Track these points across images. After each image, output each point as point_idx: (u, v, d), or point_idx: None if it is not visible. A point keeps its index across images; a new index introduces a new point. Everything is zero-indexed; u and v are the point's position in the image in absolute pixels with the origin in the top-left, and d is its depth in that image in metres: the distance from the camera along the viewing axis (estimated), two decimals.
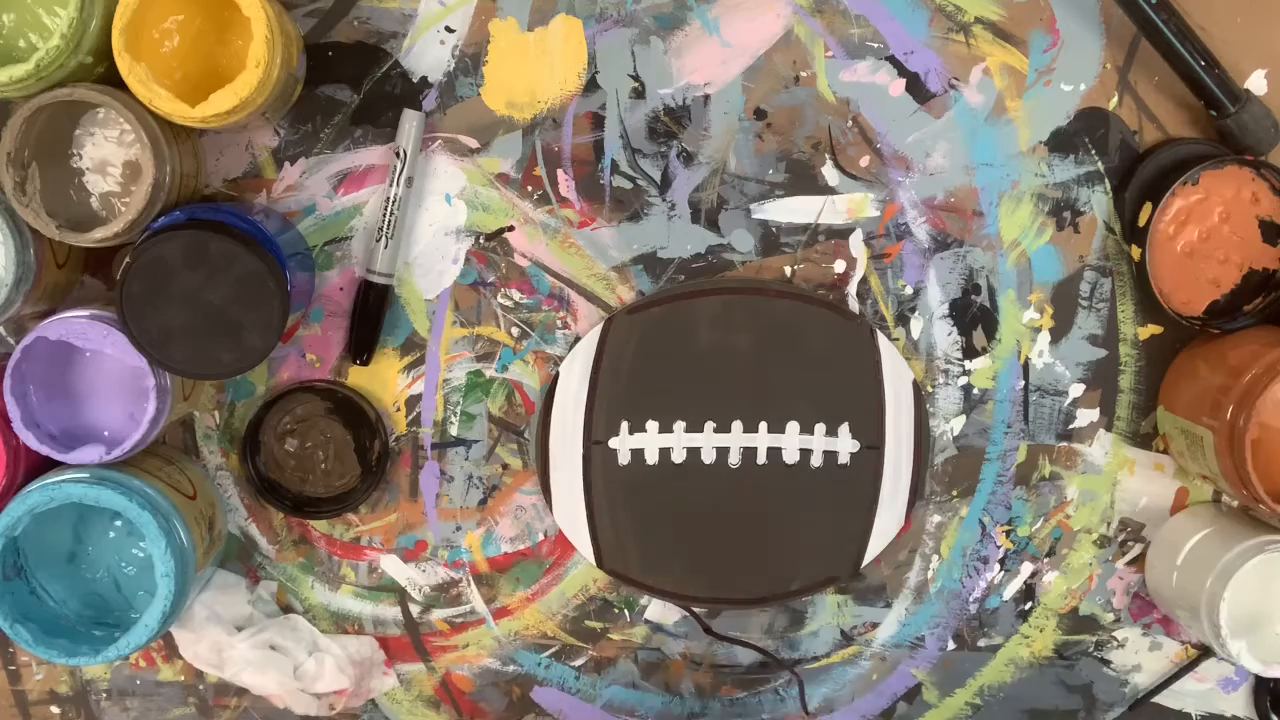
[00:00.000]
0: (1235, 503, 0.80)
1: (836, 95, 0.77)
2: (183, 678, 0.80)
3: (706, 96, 0.77)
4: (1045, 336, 0.79)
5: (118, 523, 0.75)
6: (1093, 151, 0.78)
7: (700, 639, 0.81)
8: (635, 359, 0.78)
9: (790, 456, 0.78)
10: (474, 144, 0.77)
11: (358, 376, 0.78)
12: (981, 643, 0.81)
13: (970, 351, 0.79)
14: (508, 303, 0.78)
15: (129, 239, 0.69)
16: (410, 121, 0.75)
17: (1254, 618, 0.74)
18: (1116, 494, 0.80)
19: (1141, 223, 0.76)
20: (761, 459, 0.78)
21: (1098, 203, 0.78)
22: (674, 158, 0.77)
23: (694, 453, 0.78)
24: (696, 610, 0.80)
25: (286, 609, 0.80)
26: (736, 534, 0.78)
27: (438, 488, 0.79)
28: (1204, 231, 0.76)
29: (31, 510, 0.68)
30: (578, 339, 0.78)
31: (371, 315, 0.77)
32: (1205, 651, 0.82)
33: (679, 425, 0.78)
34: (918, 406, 0.79)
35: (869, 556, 0.79)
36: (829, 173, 0.78)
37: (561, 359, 0.78)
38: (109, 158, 0.71)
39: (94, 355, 0.72)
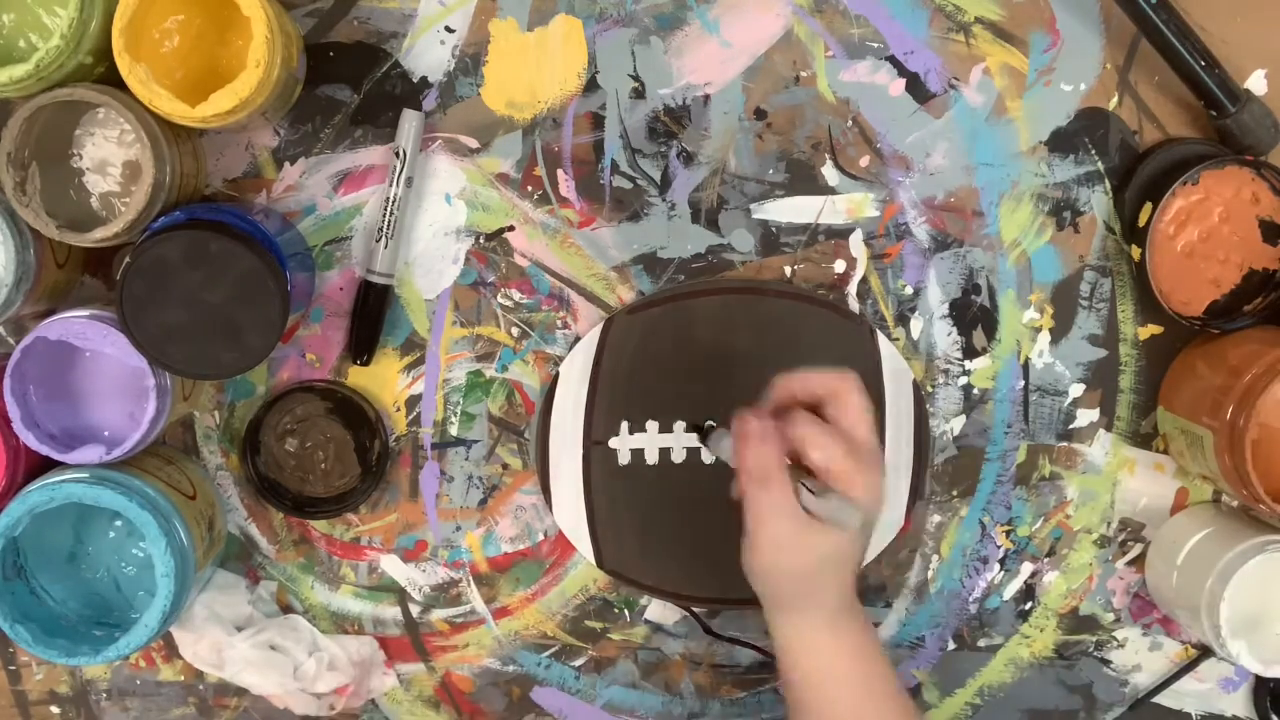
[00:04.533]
0: (1235, 503, 0.80)
1: (836, 95, 0.77)
2: (183, 678, 0.80)
3: (706, 96, 0.77)
4: (1045, 336, 0.79)
5: (118, 523, 0.75)
6: (1093, 151, 0.78)
7: (700, 639, 0.81)
8: (635, 359, 0.78)
9: None
10: (474, 144, 0.77)
11: (358, 376, 0.78)
12: (981, 643, 0.81)
13: (970, 351, 0.79)
14: (508, 303, 0.78)
15: (129, 239, 0.69)
16: (410, 121, 0.75)
17: (1254, 618, 0.74)
18: (1116, 494, 0.80)
19: (1141, 223, 0.76)
20: None
21: (1098, 203, 0.78)
22: (674, 158, 0.77)
23: (694, 452, 0.78)
24: (696, 610, 0.80)
25: (286, 609, 0.80)
26: (736, 534, 0.78)
27: (438, 488, 0.79)
28: (1204, 231, 0.76)
29: (31, 510, 0.68)
30: (578, 339, 0.78)
31: (371, 315, 0.77)
32: (1205, 651, 0.82)
33: (679, 425, 0.78)
34: (918, 406, 0.79)
35: (869, 556, 0.79)
36: (829, 173, 0.78)
37: (561, 359, 0.78)
38: (109, 158, 0.71)
39: (94, 355, 0.72)
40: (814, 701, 0.67)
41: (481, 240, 0.78)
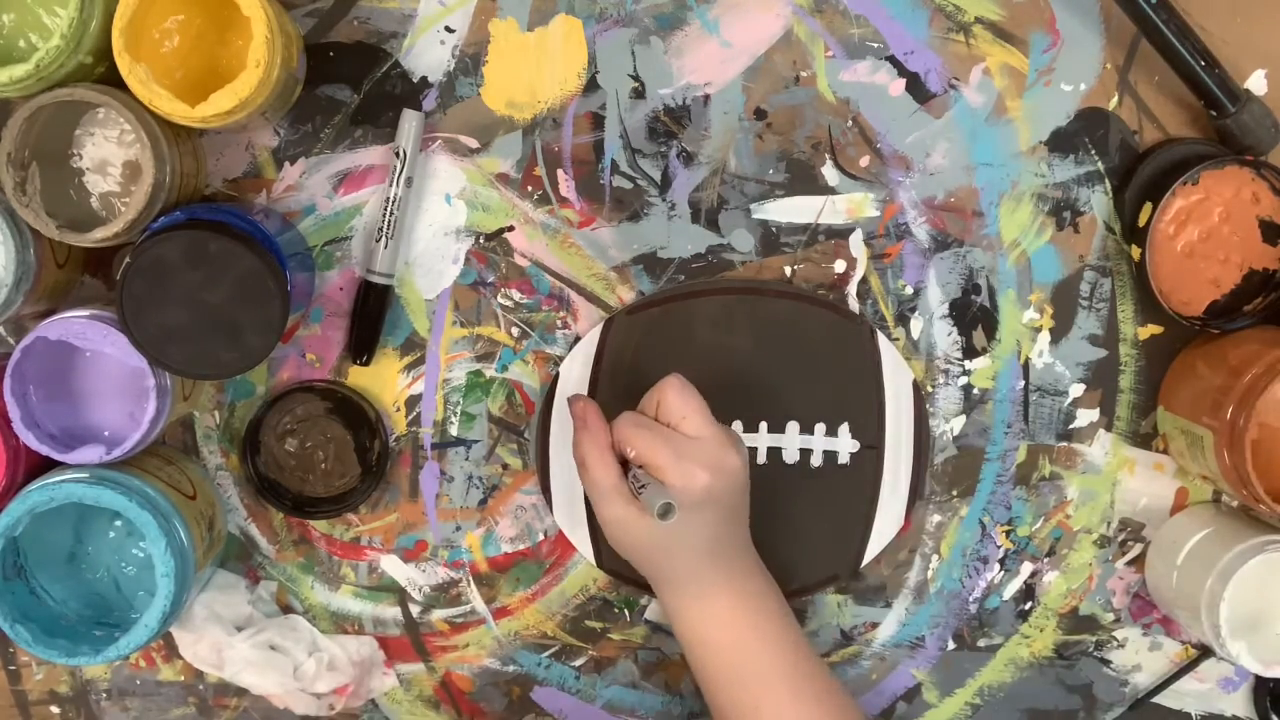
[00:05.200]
0: (1235, 503, 0.80)
1: (836, 95, 0.77)
2: (183, 678, 0.80)
3: (706, 96, 0.77)
4: (1045, 336, 0.79)
5: (118, 523, 0.75)
6: (1093, 151, 0.78)
7: None
8: (635, 359, 0.78)
9: (790, 456, 0.78)
10: (474, 144, 0.77)
11: (358, 376, 0.78)
12: (981, 643, 0.81)
13: (970, 351, 0.79)
14: (508, 303, 0.78)
15: (129, 239, 0.69)
16: (410, 121, 0.75)
17: (1254, 618, 0.74)
18: (1116, 494, 0.80)
19: (1141, 223, 0.76)
20: (761, 459, 0.78)
21: (1098, 203, 0.78)
22: (674, 158, 0.77)
23: None
24: None
25: (286, 609, 0.80)
26: None
27: (438, 488, 0.79)
28: (1204, 231, 0.76)
29: (31, 510, 0.68)
30: (578, 339, 0.78)
31: (371, 315, 0.77)
32: (1205, 651, 0.82)
33: None
34: (918, 406, 0.79)
35: (869, 556, 0.79)
36: (829, 173, 0.78)
37: (561, 359, 0.78)
38: (109, 158, 0.71)
39: (94, 355, 0.72)
40: (695, 668, 0.73)
41: (481, 240, 0.78)
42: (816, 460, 0.78)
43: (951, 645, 0.81)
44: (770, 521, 0.78)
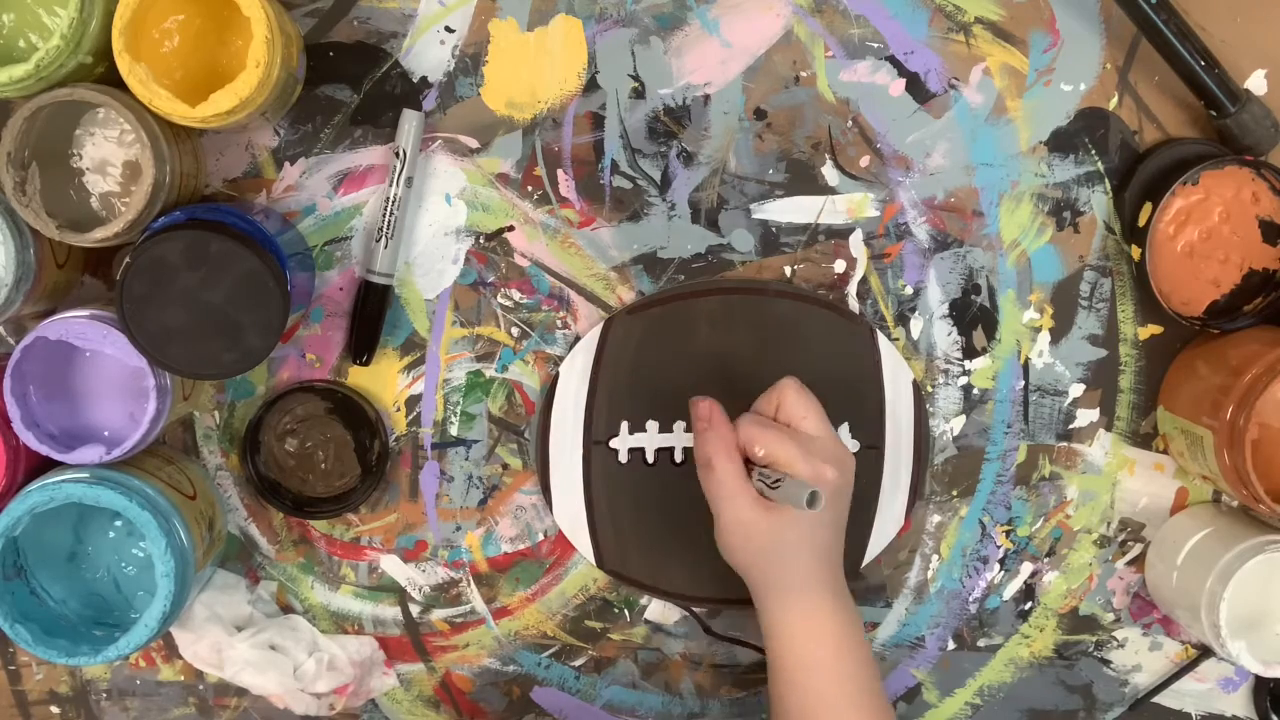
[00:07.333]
0: (1235, 503, 0.80)
1: (836, 95, 0.77)
2: (183, 678, 0.80)
3: (706, 96, 0.77)
4: (1045, 336, 0.79)
5: (118, 523, 0.75)
6: (1093, 151, 0.78)
7: (700, 639, 0.81)
8: (635, 359, 0.78)
9: None
10: (474, 144, 0.77)
11: (358, 376, 0.78)
12: (981, 643, 0.81)
13: (970, 351, 0.79)
14: (508, 303, 0.78)
15: (129, 239, 0.69)
16: (410, 121, 0.75)
17: (1254, 618, 0.74)
18: (1116, 494, 0.80)
19: (1141, 223, 0.76)
20: None
21: (1098, 203, 0.78)
22: (674, 158, 0.77)
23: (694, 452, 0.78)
24: (696, 610, 0.80)
25: (286, 609, 0.80)
26: None
27: (438, 488, 0.79)
28: (1204, 231, 0.76)
29: (31, 510, 0.68)
30: (578, 339, 0.78)
31: (371, 315, 0.77)
32: (1205, 651, 0.82)
33: (679, 425, 0.78)
34: (918, 406, 0.79)
35: (869, 556, 0.79)
36: (829, 173, 0.78)
37: (561, 359, 0.78)
38: (109, 158, 0.71)
39: (94, 355, 0.72)
40: (784, 679, 0.71)
41: (481, 240, 0.78)
42: None
43: (951, 645, 0.81)
44: None
